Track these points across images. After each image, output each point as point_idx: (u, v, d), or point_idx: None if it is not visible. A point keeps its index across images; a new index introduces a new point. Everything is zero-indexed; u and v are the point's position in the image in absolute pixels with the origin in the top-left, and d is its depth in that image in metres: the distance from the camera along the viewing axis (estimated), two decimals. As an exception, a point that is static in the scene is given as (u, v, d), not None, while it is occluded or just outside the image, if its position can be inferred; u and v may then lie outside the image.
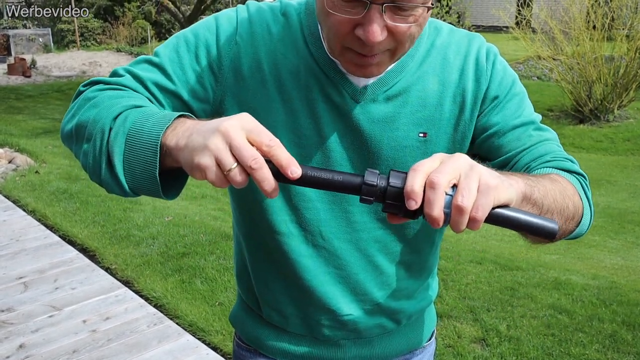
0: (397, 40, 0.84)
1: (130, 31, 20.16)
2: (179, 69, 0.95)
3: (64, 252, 4.09)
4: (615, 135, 9.22)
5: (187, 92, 0.95)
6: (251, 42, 0.96)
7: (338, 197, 1.01)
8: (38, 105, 11.89)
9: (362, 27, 0.80)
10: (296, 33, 0.97)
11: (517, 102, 1.01)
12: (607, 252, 4.95)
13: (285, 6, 1.00)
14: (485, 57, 1.01)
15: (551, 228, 0.71)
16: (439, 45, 1.00)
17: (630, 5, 9.82)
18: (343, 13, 0.81)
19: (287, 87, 0.95)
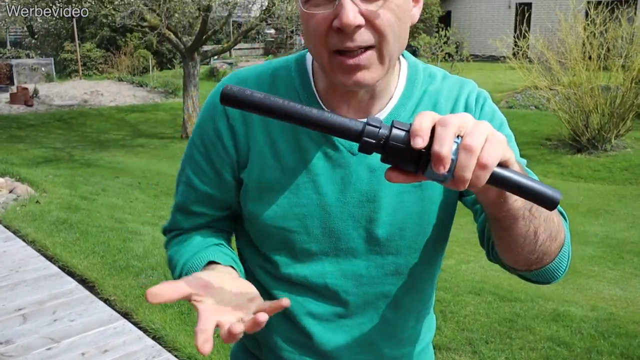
0: (377, 30, 0.86)
1: (132, 61, 20.38)
2: (202, 178, 1.06)
3: (64, 283, 4.10)
4: (613, 165, 9.27)
5: (221, 183, 1.05)
6: (242, 118, 1.00)
7: (343, 251, 1.02)
8: (39, 134, 11.97)
9: (338, 16, 0.84)
10: (287, 93, 1.01)
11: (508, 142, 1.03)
12: (606, 283, 4.95)
13: (274, 68, 1.04)
14: (474, 101, 1.04)
15: (554, 196, 0.68)
16: (431, 91, 1.03)
17: (625, 37, 9.96)
18: (318, 11, 0.86)
19: (282, 151, 0.99)
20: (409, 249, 1.03)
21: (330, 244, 1.01)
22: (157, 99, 17.01)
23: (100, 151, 10.50)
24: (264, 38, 27.16)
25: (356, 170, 0.98)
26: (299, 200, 0.99)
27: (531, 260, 0.90)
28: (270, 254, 1.04)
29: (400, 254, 1.03)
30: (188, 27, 13.29)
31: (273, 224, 1.01)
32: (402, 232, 1.01)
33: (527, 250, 0.87)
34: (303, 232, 1.00)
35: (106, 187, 7.31)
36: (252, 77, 1.03)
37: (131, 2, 9.20)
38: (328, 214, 0.99)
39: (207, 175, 1.04)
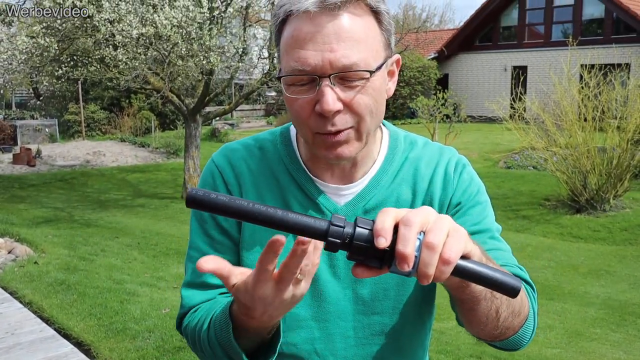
0: (355, 113, 0.93)
1: (135, 121, 20.69)
2: (218, 247, 1.07)
3: (59, 346, 4.04)
4: (612, 225, 9.27)
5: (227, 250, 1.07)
6: (237, 184, 1.07)
7: (332, 314, 1.04)
8: (41, 194, 12.03)
9: (319, 103, 0.90)
10: (275, 164, 1.08)
11: (479, 210, 1.07)
12: (609, 346, 4.88)
13: (261, 140, 1.12)
14: (453, 168, 1.09)
15: (515, 285, 0.71)
16: (412, 157, 1.09)
17: (619, 100, 10.15)
18: (300, 96, 0.92)
19: None
20: (393, 309, 1.05)
21: (320, 307, 1.04)
22: (159, 159, 17.17)
23: (101, 211, 10.52)
24: (265, 100, 27.65)
25: None
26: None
27: (494, 335, 0.94)
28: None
29: (385, 313, 1.05)
30: (191, 89, 13.56)
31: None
32: (386, 291, 1.04)
33: (490, 327, 0.92)
34: None
35: (105, 248, 7.30)
36: (241, 149, 1.10)
37: (135, 66, 9.43)
38: (317, 276, 1.02)
39: (221, 243, 1.07)
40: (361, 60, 0.90)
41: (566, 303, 6.11)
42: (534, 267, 7.54)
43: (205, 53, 9.37)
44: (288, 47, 0.92)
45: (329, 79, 0.89)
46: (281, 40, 0.95)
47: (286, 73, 0.93)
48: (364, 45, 0.90)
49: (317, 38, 0.89)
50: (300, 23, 0.90)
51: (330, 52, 0.88)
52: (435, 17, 40.05)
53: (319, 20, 0.89)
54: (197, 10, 8.93)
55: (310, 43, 0.89)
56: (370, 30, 0.92)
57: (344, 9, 0.89)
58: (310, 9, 0.88)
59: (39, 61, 10.21)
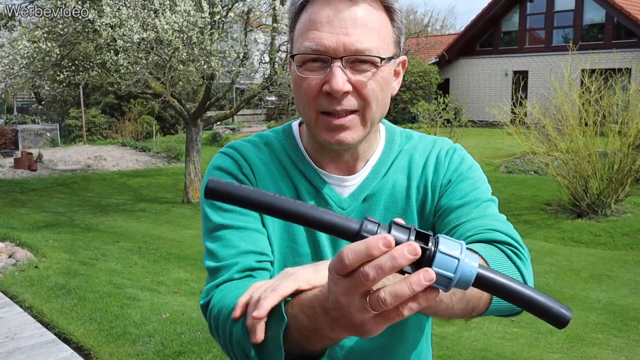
0: (362, 97, 0.97)
1: (136, 126, 20.71)
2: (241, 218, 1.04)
3: (59, 351, 4.03)
4: (613, 230, 9.25)
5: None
6: (252, 171, 1.10)
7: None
8: (42, 198, 12.03)
9: (328, 82, 0.95)
10: (282, 158, 1.12)
11: (468, 184, 1.07)
12: (611, 351, 4.86)
13: (266, 137, 1.15)
14: (445, 152, 1.13)
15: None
16: (407, 148, 1.15)
17: (620, 104, 10.15)
18: (311, 75, 0.97)
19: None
20: None
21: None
22: (160, 164, 17.18)
23: (101, 216, 10.52)
24: (266, 104, 27.68)
25: None
26: (297, 249, 1.07)
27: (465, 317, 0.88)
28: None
29: None
30: (192, 94, 13.58)
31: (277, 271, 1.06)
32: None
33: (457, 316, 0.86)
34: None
35: (106, 252, 7.29)
36: (248, 145, 1.13)
37: (137, 71, 9.44)
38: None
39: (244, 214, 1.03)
40: (373, 47, 0.95)
41: (567, 308, 6.09)
42: (535, 271, 7.46)
43: (207, 58, 9.38)
44: (304, 29, 0.98)
45: (340, 60, 0.94)
46: (297, 24, 1.00)
47: (301, 51, 0.97)
48: (377, 35, 0.96)
49: (333, 21, 0.94)
50: (318, 7, 0.96)
51: (345, 35, 0.94)
52: (436, 22, 40.16)
53: (337, 6, 0.95)
54: (198, 15, 8.94)
55: (327, 25, 0.95)
56: (383, 24, 0.98)
57: (363, 1, 0.96)
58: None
59: (41, 66, 10.24)
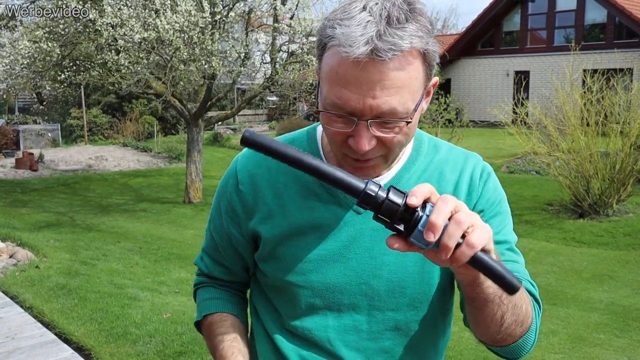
0: (387, 148, 0.96)
1: (137, 126, 20.71)
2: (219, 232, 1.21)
3: (59, 351, 4.03)
4: (615, 230, 9.23)
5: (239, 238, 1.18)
6: (252, 183, 1.12)
7: (345, 306, 1.07)
8: (43, 198, 12.03)
9: (353, 138, 0.94)
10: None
11: (500, 220, 1.09)
12: (613, 351, 4.84)
13: (290, 139, 1.17)
14: (479, 175, 1.10)
15: (515, 283, 0.77)
16: (436, 161, 1.11)
17: (622, 104, 10.12)
18: (337, 128, 0.95)
19: (291, 210, 1.07)
20: (408, 307, 1.07)
21: (333, 298, 1.07)
22: (161, 164, 17.18)
23: (103, 216, 10.52)
24: (267, 105, 27.68)
25: (361, 228, 1.05)
26: (303, 255, 1.07)
27: (496, 339, 0.99)
28: (279, 306, 1.12)
29: (399, 310, 1.07)
30: (193, 94, 13.57)
31: (281, 277, 1.08)
32: (403, 289, 1.06)
33: (493, 330, 0.96)
34: (307, 286, 1.06)
35: (107, 252, 7.29)
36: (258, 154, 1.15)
37: (137, 71, 9.44)
38: (332, 269, 1.05)
39: (220, 231, 1.18)
40: (401, 105, 0.91)
41: (569, 308, 6.08)
42: (537, 272, 7.51)
43: (208, 57, 9.38)
44: (331, 79, 0.93)
45: (366, 122, 0.92)
46: (323, 63, 0.96)
47: (326, 107, 0.95)
48: (406, 91, 0.91)
49: (361, 83, 0.90)
50: (346, 64, 0.90)
51: (373, 98, 0.90)
52: (438, 22, 40.13)
53: (366, 66, 0.89)
54: (199, 15, 8.94)
55: (354, 86, 0.90)
56: (414, 73, 0.92)
57: (394, 60, 0.89)
58: (360, 58, 0.88)
59: (42, 66, 10.24)
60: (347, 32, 0.88)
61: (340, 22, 0.90)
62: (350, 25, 0.89)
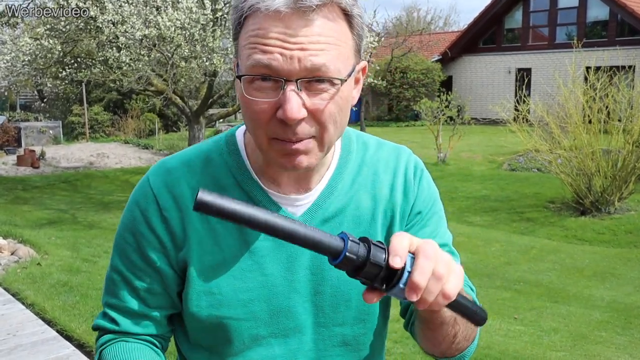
0: (319, 122, 0.86)
1: (139, 123, 20.71)
2: (138, 274, 1.01)
3: (60, 347, 4.03)
4: (617, 228, 9.22)
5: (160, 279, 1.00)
6: (177, 208, 0.97)
7: (292, 329, 1.00)
8: (44, 195, 12.04)
9: (282, 108, 0.83)
10: (223, 177, 0.99)
11: (437, 220, 1.08)
12: (615, 349, 4.84)
13: (205, 152, 1.02)
14: (413, 173, 1.06)
15: (484, 317, 0.81)
16: (368, 160, 1.05)
17: (624, 102, 10.10)
18: (262, 99, 0.84)
19: (223, 235, 0.97)
20: (355, 320, 1.03)
21: (279, 324, 0.99)
22: (162, 161, 17.19)
23: (104, 213, 10.52)
24: (268, 102, 27.66)
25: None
26: (244, 284, 0.97)
27: (445, 354, 1.00)
28: (217, 346, 1.01)
29: (346, 324, 1.03)
30: (194, 91, 13.57)
31: (218, 314, 0.97)
32: (348, 302, 1.01)
33: (445, 347, 0.97)
34: (250, 318, 0.98)
35: (108, 250, 7.27)
36: (180, 167, 1.00)
37: (139, 68, 9.43)
38: (274, 294, 0.98)
39: (143, 271, 0.99)
40: (331, 64, 0.83)
41: (571, 306, 6.07)
42: (538, 269, 7.50)
43: (209, 55, 9.37)
44: (251, 43, 0.84)
45: (295, 83, 0.82)
46: (242, 32, 0.86)
47: (248, 72, 0.85)
48: (335, 50, 0.84)
49: (286, 38, 0.81)
50: (267, 21, 0.82)
51: (300, 50, 0.81)
52: (439, 19, 40.10)
53: (289, 21, 0.81)
54: (201, 12, 8.92)
55: (278, 42, 0.82)
56: (342, 35, 0.85)
57: (318, 12, 0.82)
58: (281, 9, 0.81)
59: (43, 63, 10.23)
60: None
61: None
62: None
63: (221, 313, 0.97)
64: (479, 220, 10.22)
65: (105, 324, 1.03)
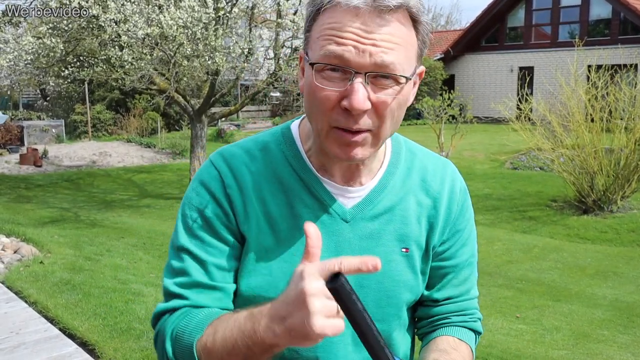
0: (380, 116, 0.91)
1: (141, 122, 20.73)
2: (208, 250, 1.02)
3: (63, 346, 4.04)
4: (619, 227, 9.21)
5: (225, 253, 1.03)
6: (239, 189, 1.02)
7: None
8: (47, 194, 12.06)
9: (348, 98, 0.88)
10: (280, 165, 1.04)
11: (472, 240, 1.14)
12: (617, 348, 4.84)
13: (263, 143, 1.08)
14: (459, 188, 1.12)
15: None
16: (417, 166, 1.10)
17: (627, 100, 10.09)
18: (329, 88, 0.90)
19: (277, 218, 1.02)
20: (394, 316, 1.07)
21: None
22: (165, 160, 17.20)
23: (106, 211, 10.54)
24: (270, 101, 27.68)
25: (348, 237, 1.02)
26: (292, 268, 0.96)
27: None
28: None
29: (385, 320, 1.06)
30: (196, 90, 13.57)
31: (265, 295, 0.99)
32: (389, 299, 1.05)
33: None
34: None
35: (111, 248, 7.30)
36: (241, 153, 1.06)
37: (141, 67, 9.44)
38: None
39: (214, 246, 1.02)
40: (398, 63, 0.89)
41: (573, 304, 6.07)
42: (540, 268, 7.50)
43: (211, 53, 9.37)
44: (327, 34, 0.89)
45: (364, 76, 0.88)
46: (316, 25, 0.92)
47: (321, 60, 0.90)
48: (403, 51, 0.90)
49: (361, 33, 0.87)
50: (346, 15, 0.88)
51: (373, 46, 0.87)
52: (441, 18, 40.03)
53: (366, 18, 0.87)
54: (203, 11, 8.92)
55: (353, 36, 0.87)
56: (410, 38, 0.92)
57: (392, 14, 0.89)
58: (360, 5, 0.87)
59: (46, 62, 10.24)
60: None
61: None
62: None
63: (268, 294, 0.99)
64: (481, 218, 10.22)
65: (174, 303, 1.01)
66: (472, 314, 1.15)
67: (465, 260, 1.12)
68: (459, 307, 1.13)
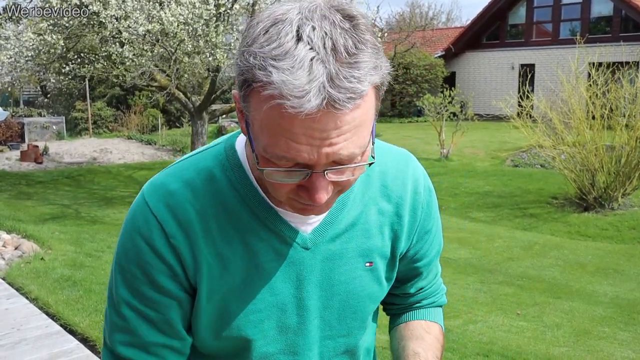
0: (343, 186, 0.83)
1: (142, 119, 20.73)
2: (153, 306, 0.94)
3: (64, 342, 4.04)
4: (620, 224, 9.21)
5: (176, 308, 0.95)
6: (185, 236, 0.91)
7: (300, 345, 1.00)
8: (48, 191, 12.07)
9: (307, 190, 0.79)
10: (229, 198, 0.93)
11: (439, 231, 1.12)
12: (618, 345, 4.84)
13: (206, 170, 0.94)
14: (422, 189, 1.03)
15: None
16: (377, 172, 1.00)
17: (628, 98, 10.08)
18: (283, 181, 0.79)
19: (231, 259, 0.93)
20: (359, 328, 1.04)
21: (287, 340, 0.99)
22: (165, 157, 17.20)
23: (107, 208, 10.55)
24: (271, 97, 27.63)
25: (310, 263, 0.96)
26: (254, 306, 0.95)
27: None
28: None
29: (351, 335, 1.04)
30: (197, 87, 13.57)
31: (230, 335, 0.95)
32: (355, 314, 1.02)
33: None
34: (260, 337, 0.96)
35: (111, 244, 7.31)
36: (182, 190, 0.92)
37: (142, 63, 9.43)
38: (284, 312, 0.97)
39: (159, 302, 0.93)
40: (359, 147, 0.76)
41: (574, 301, 6.07)
42: (541, 265, 7.50)
43: (212, 50, 9.37)
44: (272, 131, 0.74)
45: (322, 172, 0.77)
46: (253, 106, 0.76)
47: (270, 159, 0.77)
48: (363, 127, 0.76)
49: (314, 134, 0.73)
50: (294, 118, 0.71)
51: (329, 147, 0.74)
52: (442, 15, 39.99)
53: (320, 118, 0.72)
54: (204, 7, 8.92)
55: (305, 138, 0.73)
56: (369, 105, 0.76)
57: (348, 105, 0.73)
58: (313, 112, 0.70)
59: (46, 58, 10.25)
60: (288, 81, 0.69)
61: (275, 63, 0.70)
62: (292, 68, 0.70)
63: (231, 334, 0.95)
64: (482, 216, 10.21)
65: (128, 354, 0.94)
66: (439, 292, 1.18)
67: (435, 254, 1.11)
68: (429, 292, 1.15)
